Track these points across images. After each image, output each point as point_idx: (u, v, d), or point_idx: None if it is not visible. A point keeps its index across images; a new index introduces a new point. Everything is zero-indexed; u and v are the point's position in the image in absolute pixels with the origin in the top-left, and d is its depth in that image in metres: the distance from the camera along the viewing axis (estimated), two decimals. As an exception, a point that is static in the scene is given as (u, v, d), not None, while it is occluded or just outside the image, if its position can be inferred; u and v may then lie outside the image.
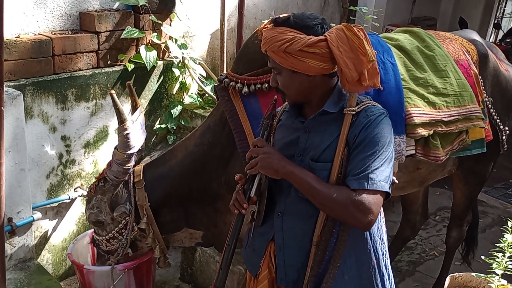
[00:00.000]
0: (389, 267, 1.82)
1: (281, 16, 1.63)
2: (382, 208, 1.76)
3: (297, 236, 1.70)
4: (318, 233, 1.65)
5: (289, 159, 1.65)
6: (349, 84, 1.59)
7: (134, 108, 2.45)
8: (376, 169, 1.56)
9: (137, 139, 2.36)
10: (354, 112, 1.61)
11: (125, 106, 3.18)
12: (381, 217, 1.79)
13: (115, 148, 2.35)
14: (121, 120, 2.27)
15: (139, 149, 2.42)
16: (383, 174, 1.57)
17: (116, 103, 2.23)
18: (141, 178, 2.41)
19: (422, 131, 2.30)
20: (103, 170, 2.46)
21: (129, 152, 2.31)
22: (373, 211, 1.55)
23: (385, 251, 1.79)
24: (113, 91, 2.24)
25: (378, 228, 1.75)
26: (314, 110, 1.69)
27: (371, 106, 1.65)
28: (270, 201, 1.75)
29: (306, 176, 1.59)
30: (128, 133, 2.27)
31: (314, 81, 1.62)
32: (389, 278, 1.81)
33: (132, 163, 2.39)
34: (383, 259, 1.77)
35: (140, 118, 2.41)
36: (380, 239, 1.76)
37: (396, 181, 1.80)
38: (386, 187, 1.58)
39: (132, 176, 2.43)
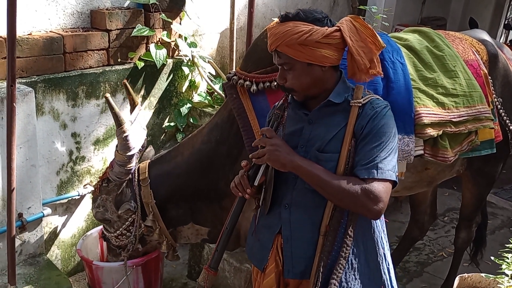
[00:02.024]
0: (390, 258, 1.86)
1: (288, 12, 1.65)
2: None
3: (305, 227, 1.72)
4: (326, 223, 1.68)
5: (293, 149, 1.67)
6: (360, 73, 1.65)
7: (133, 106, 2.43)
8: (384, 159, 1.60)
9: (137, 139, 2.34)
10: (360, 104, 1.65)
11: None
12: None
13: (116, 149, 2.34)
14: (119, 123, 2.24)
15: (140, 148, 2.41)
16: (391, 164, 1.62)
17: (112, 106, 2.20)
18: (146, 175, 2.41)
19: (431, 131, 2.30)
20: (105, 171, 2.46)
21: (129, 153, 2.31)
22: (383, 199, 1.59)
23: (386, 241, 1.83)
24: (108, 94, 2.20)
25: (381, 218, 1.79)
26: (318, 103, 1.70)
27: (375, 99, 1.70)
28: (273, 193, 1.76)
29: (315, 169, 1.62)
30: (127, 136, 2.25)
31: (327, 73, 1.66)
32: (392, 268, 1.85)
33: (133, 163, 2.38)
34: (387, 249, 1.81)
35: (140, 117, 2.39)
36: (382, 229, 1.81)
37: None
38: (394, 176, 1.62)
39: (137, 174, 2.43)
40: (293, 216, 1.74)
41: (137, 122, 2.36)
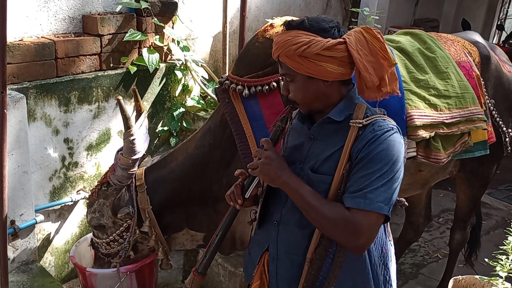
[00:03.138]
0: None
1: (294, 19, 1.56)
2: (389, 229, 1.67)
3: (290, 248, 1.61)
4: (312, 250, 1.55)
5: (291, 164, 1.57)
6: (368, 90, 1.51)
7: (139, 113, 2.46)
8: (375, 188, 1.43)
9: (142, 144, 2.38)
10: (361, 125, 1.50)
11: (128, 108, 3.19)
12: (388, 240, 1.68)
13: (120, 153, 2.35)
14: (128, 126, 2.28)
15: (143, 154, 2.43)
16: (383, 195, 1.43)
17: (124, 109, 2.25)
18: (143, 181, 2.41)
19: (423, 133, 2.31)
20: (106, 174, 2.47)
21: (134, 157, 2.33)
22: (365, 234, 1.43)
23: (389, 277, 1.66)
24: (120, 97, 2.26)
25: (382, 252, 1.63)
26: (322, 117, 1.59)
27: (380, 120, 1.52)
28: (267, 208, 1.70)
29: (301, 188, 1.49)
30: (134, 139, 2.29)
31: (330, 88, 1.53)
32: None
33: (136, 168, 2.40)
34: (385, 286, 1.65)
35: (145, 123, 2.43)
36: (383, 264, 1.64)
37: (406, 203, 1.69)
38: (384, 209, 1.44)
39: (134, 180, 2.43)
40: (280, 235, 1.62)
41: (143, 128, 2.39)
